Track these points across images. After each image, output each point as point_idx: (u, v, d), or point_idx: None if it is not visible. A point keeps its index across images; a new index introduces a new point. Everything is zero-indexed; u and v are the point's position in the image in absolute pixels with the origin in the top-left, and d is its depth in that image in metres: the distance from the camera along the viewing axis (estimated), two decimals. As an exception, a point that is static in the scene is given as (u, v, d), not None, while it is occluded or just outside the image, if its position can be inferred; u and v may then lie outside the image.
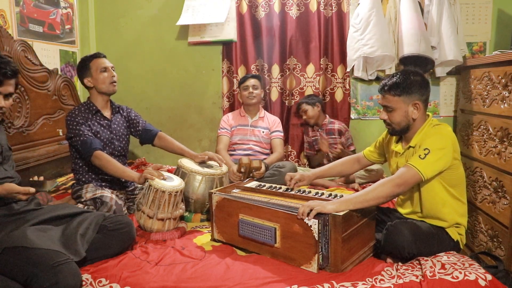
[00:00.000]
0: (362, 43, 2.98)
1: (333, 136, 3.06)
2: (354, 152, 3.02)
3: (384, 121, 1.87)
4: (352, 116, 3.30)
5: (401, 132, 1.87)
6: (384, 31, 2.97)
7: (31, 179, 1.74)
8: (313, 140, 3.17)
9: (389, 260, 1.74)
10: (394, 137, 1.96)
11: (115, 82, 2.33)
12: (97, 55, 2.33)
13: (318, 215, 1.61)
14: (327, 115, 3.17)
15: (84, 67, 2.31)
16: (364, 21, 2.97)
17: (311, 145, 3.20)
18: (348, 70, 3.17)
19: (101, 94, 2.33)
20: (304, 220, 1.61)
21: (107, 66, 2.31)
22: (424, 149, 1.69)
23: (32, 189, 1.63)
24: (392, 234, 1.69)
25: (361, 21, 2.99)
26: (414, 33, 2.88)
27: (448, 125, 1.83)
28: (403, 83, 1.77)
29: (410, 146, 1.82)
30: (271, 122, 3.11)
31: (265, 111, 3.19)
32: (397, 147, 1.91)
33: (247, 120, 3.09)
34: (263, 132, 3.07)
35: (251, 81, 3.01)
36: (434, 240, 1.74)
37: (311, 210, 1.61)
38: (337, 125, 3.09)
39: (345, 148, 3.01)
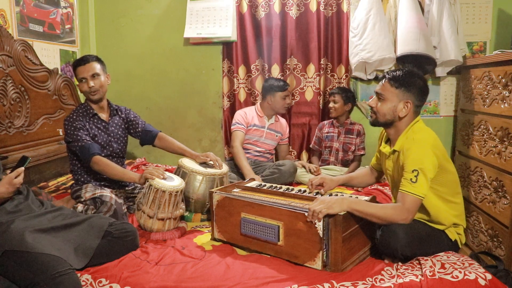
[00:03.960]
0: (360, 48, 3.00)
1: (351, 136, 3.08)
2: (362, 156, 3.08)
3: (371, 108, 1.87)
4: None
5: (382, 125, 1.87)
6: (382, 33, 2.96)
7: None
8: (325, 136, 3.14)
9: (386, 260, 1.74)
10: (384, 138, 1.96)
11: (93, 92, 2.24)
12: (78, 63, 2.25)
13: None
14: (350, 117, 3.17)
15: (74, 72, 2.29)
16: (362, 26, 2.99)
17: (320, 141, 3.18)
18: (353, 74, 3.17)
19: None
20: (313, 221, 1.62)
21: (85, 76, 2.22)
22: (413, 171, 1.67)
23: (21, 168, 1.68)
24: (386, 236, 1.68)
25: (359, 25, 3.02)
26: (412, 32, 2.86)
27: (429, 128, 1.82)
28: (405, 78, 1.79)
29: (394, 150, 1.82)
30: (284, 127, 3.16)
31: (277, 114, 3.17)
32: (385, 148, 1.90)
33: (264, 122, 3.07)
34: (276, 136, 3.11)
35: (288, 91, 3.03)
36: (430, 242, 1.73)
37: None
38: (357, 125, 3.11)
39: (356, 150, 3.05)
